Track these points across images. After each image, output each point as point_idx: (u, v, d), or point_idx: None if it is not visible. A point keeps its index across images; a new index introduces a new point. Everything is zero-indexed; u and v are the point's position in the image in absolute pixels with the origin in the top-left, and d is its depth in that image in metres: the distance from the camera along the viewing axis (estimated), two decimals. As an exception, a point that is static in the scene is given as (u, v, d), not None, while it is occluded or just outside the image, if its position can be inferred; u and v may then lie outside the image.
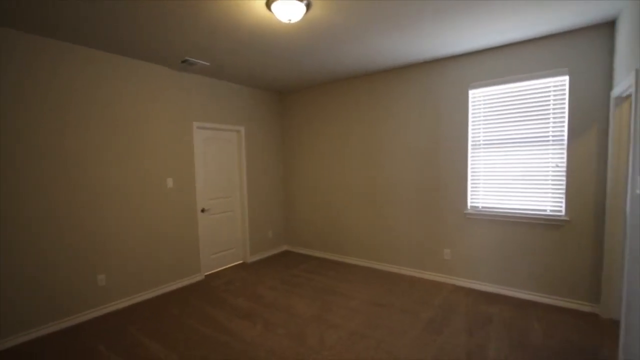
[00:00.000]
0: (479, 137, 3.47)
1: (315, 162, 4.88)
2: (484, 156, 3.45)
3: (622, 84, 2.37)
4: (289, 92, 5.11)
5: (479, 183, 3.50)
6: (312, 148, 4.90)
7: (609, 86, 2.77)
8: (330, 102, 4.62)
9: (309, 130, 4.92)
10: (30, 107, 2.67)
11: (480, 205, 3.50)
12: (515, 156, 3.26)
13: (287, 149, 5.25)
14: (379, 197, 4.24)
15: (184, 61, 3.50)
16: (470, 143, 3.52)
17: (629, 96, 2.51)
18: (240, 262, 4.68)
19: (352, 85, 4.38)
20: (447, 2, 2.32)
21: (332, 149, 4.66)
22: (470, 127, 3.51)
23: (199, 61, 3.52)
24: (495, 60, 3.30)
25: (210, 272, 4.23)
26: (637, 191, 1.95)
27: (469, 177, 3.54)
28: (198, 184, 4.00)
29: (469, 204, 3.56)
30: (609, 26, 2.74)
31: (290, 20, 2.40)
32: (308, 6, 2.38)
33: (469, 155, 3.53)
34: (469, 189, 3.55)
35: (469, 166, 3.54)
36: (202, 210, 4.09)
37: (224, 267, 4.43)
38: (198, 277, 3.99)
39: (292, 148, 5.18)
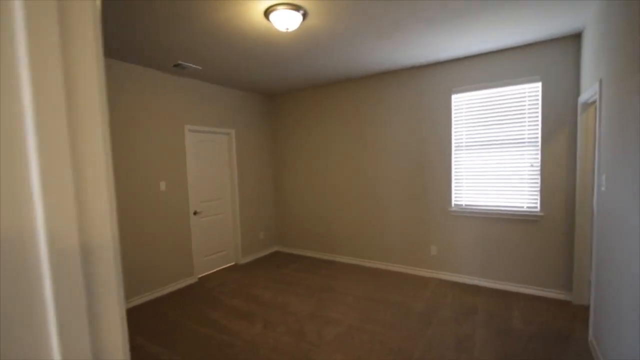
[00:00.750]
0: (462, 139, 3.70)
1: (305, 163, 4.99)
2: (466, 157, 3.68)
3: (588, 91, 2.63)
4: (279, 95, 5.19)
5: (462, 182, 3.73)
6: (302, 150, 5.01)
7: (577, 92, 3.05)
8: (320, 105, 4.75)
9: (298, 132, 5.03)
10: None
11: (463, 203, 3.72)
12: (495, 157, 3.50)
13: (277, 150, 5.33)
14: (368, 197, 4.40)
15: (176, 65, 3.53)
16: (453, 144, 3.74)
17: (594, 102, 2.78)
18: (233, 263, 4.72)
19: (341, 89, 4.52)
20: (434, 14, 2.51)
21: (322, 150, 4.79)
22: (453, 130, 3.73)
23: (191, 65, 3.56)
24: (475, 67, 3.53)
25: (203, 275, 4.25)
26: (602, 189, 2.19)
27: (453, 177, 3.76)
28: (190, 187, 4.02)
29: (453, 202, 3.78)
30: (576, 38, 3.02)
31: (287, 29, 2.51)
32: (304, 16, 2.50)
33: (453, 156, 3.75)
34: (453, 188, 3.77)
35: (453, 166, 3.76)
36: (195, 213, 4.11)
37: (217, 269, 4.46)
38: (192, 280, 4.01)
39: (282, 150, 5.26)
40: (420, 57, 3.53)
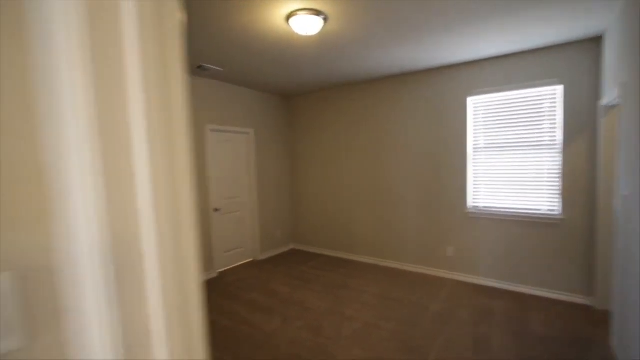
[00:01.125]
0: (479, 140, 3.68)
1: (322, 163, 5.06)
2: (484, 158, 3.66)
3: (609, 95, 2.59)
4: (297, 95, 5.28)
5: (479, 184, 3.71)
6: (319, 149, 5.08)
7: (598, 95, 2.99)
8: (336, 105, 4.81)
9: (315, 132, 5.10)
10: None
11: (481, 204, 3.71)
12: (513, 159, 3.47)
13: (295, 150, 5.43)
14: (384, 197, 4.44)
15: (199, 67, 3.67)
16: (470, 146, 3.73)
17: (616, 105, 2.73)
18: (251, 260, 4.85)
19: (358, 90, 4.57)
20: (453, 18, 2.52)
21: (338, 150, 4.85)
22: (470, 132, 3.72)
23: (213, 67, 3.69)
24: (493, 70, 3.51)
25: (223, 270, 4.39)
26: (625, 193, 2.16)
27: (470, 178, 3.75)
28: (211, 185, 4.17)
29: (470, 204, 3.77)
30: (597, 40, 2.96)
31: (307, 33, 2.59)
32: (325, 20, 2.57)
33: (470, 157, 3.74)
34: (470, 189, 3.76)
35: (470, 168, 3.75)
36: (215, 210, 4.26)
37: (236, 265, 4.60)
38: (212, 275, 4.15)
39: (300, 149, 5.35)
40: (436, 59, 3.53)
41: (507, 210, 3.53)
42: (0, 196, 0.46)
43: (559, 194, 3.26)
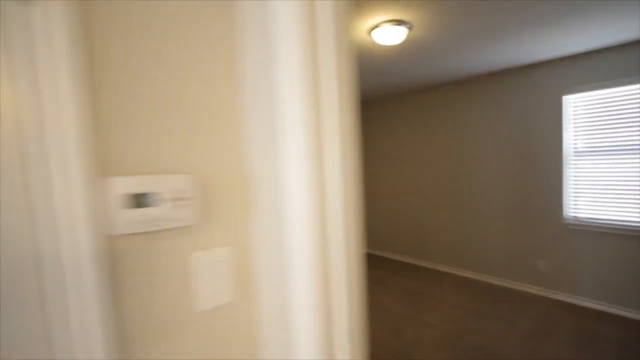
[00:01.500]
0: (579, 143, 3.29)
1: (396, 168, 5.05)
2: (586, 163, 3.26)
3: None
4: (371, 102, 5.38)
5: (580, 191, 3.31)
6: (394, 154, 5.08)
7: None
8: (412, 110, 4.76)
9: (389, 138, 5.12)
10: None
11: (582, 215, 3.30)
12: (623, 164, 3.03)
13: (369, 155, 5.51)
14: (462, 203, 4.23)
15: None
16: (567, 150, 3.36)
17: None
18: (325, 261, 5.06)
19: (436, 94, 4.46)
20: (552, 13, 2.35)
21: (414, 155, 4.79)
22: (566, 134, 3.35)
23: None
24: (595, 64, 3.11)
25: (299, 269, 4.68)
26: None
27: (569, 185, 3.37)
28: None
29: (569, 214, 3.38)
30: None
31: (391, 43, 2.67)
32: (409, 29, 2.62)
33: (568, 162, 3.37)
34: (569, 197, 3.38)
35: (569, 174, 3.37)
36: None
37: (311, 265, 4.86)
38: (291, 272, 4.45)
39: (374, 154, 5.42)
40: (528, 57, 3.28)
41: (617, 222, 3.08)
42: (224, 196, 0.65)
43: (691, 205, 2.74)
